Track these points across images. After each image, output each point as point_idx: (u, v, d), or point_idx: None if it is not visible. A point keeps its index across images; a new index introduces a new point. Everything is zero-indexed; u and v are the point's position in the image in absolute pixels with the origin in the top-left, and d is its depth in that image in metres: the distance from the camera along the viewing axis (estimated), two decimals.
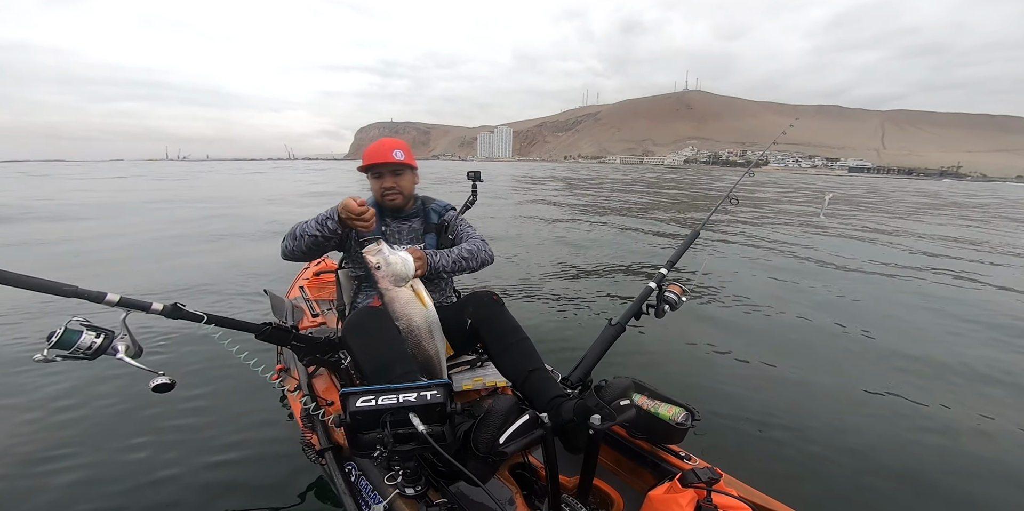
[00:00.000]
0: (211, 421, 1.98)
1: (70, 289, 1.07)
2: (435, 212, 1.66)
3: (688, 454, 1.31)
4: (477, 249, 1.53)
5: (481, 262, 1.54)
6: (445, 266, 1.45)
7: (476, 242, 1.56)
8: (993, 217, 13.82)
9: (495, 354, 1.36)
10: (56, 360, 1.06)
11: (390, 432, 0.95)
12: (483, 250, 1.56)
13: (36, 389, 2.21)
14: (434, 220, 1.65)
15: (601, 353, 1.36)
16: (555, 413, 1.14)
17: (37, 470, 1.64)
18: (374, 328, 1.26)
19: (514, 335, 1.35)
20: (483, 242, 1.58)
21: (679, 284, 1.45)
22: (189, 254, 5.65)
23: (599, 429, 1.00)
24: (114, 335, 1.13)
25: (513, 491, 1.20)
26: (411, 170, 1.59)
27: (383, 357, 1.22)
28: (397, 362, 1.21)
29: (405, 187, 1.57)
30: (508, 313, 1.41)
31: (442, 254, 1.46)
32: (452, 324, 1.45)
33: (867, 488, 1.67)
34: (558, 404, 1.16)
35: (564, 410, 1.12)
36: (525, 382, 1.27)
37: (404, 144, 1.59)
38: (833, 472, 1.76)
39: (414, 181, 1.63)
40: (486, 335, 1.37)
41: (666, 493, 1.06)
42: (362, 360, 1.24)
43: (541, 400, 1.22)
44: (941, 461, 1.86)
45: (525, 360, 1.31)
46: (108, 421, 1.95)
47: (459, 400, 1.50)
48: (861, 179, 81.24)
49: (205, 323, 1.29)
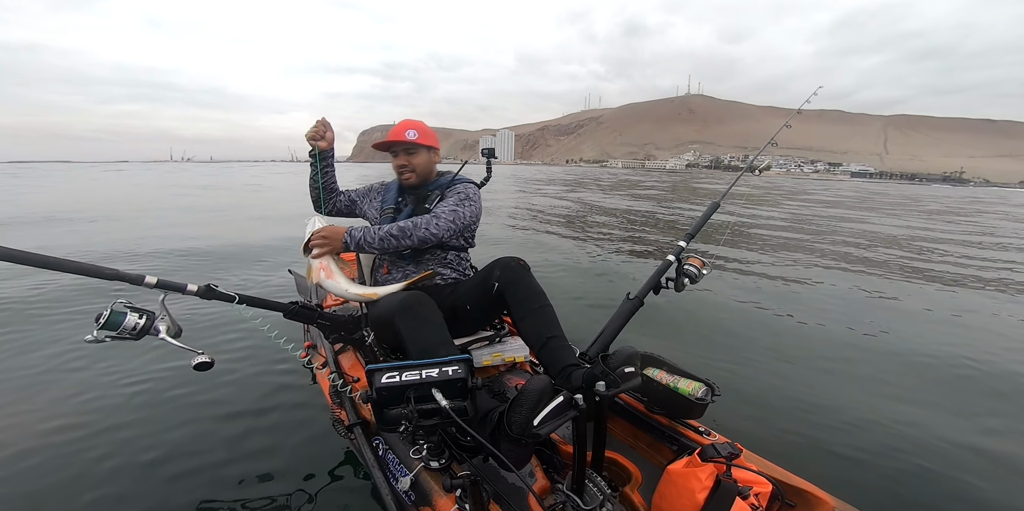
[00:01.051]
0: (244, 397, 2.04)
1: (111, 272, 1.13)
2: (437, 185, 1.66)
3: (708, 429, 1.31)
4: (414, 226, 1.42)
5: (419, 239, 1.43)
6: (370, 243, 1.41)
7: (421, 219, 1.45)
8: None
9: (518, 318, 1.37)
10: (105, 340, 1.11)
11: (414, 407, 0.96)
12: (421, 227, 1.43)
13: (79, 370, 2.29)
14: (432, 189, 1.64)
15: (619, 328, 1.36)
16: (565, 380, 1.16)
17: (84, 446, 1.70)
18: (424, 314, 1.30)
19: (538, 300, 1.36)
20: (433, 218, 1.46)
21: (699, 257, 1.44)
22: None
23: (604, 396, 1.00)
24: (155, 316, 1.18)
25: (533, 464, 1.20)
26: (426, 149, 1.62)
27: (429, 340, 1.25)
28: (441, 345, 1.24)
29: (418, 165, 1.61)
30: (533, 278, 1.41)
31: (367, 230, 1.43)
32: (475, 292, 1.47)
33: (888, 463, 1.67)
34: (569, 372, 1.18)
35: (574, 378, 1.14)
36: (543, 348, 1.29)
37: (421, 125, 1.62)
38: (853, 447, 1.76)
39: (431, 160, 1.65)
40: (511, 298, 1.38)
41: (685, 467, 1.06)
42: (409, 341, 1.26)
43: (554, 367, 1.24)
44: (962, 440, 1.84)
45: (545, 326, 1.32)
46: (150, 400, 2.02)
47: (479, 375, 1.51)
48: (862, 184, 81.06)
49: (237, 303, 1.34)
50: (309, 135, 1.58)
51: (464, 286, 1.55)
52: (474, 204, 1.59)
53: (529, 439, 0.97)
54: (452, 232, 1.51)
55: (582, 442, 1.04)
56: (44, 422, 1.83)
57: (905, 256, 6.25)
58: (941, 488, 1.55)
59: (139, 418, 1.87)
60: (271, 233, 6.67)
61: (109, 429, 1.78)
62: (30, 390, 2.08)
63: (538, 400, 0.99)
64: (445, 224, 1.48)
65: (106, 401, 2.00)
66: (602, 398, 1.01)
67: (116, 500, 1.43)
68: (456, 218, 1.51)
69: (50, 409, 1.92)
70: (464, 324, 1.57)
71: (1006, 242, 8.24)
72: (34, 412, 1.90)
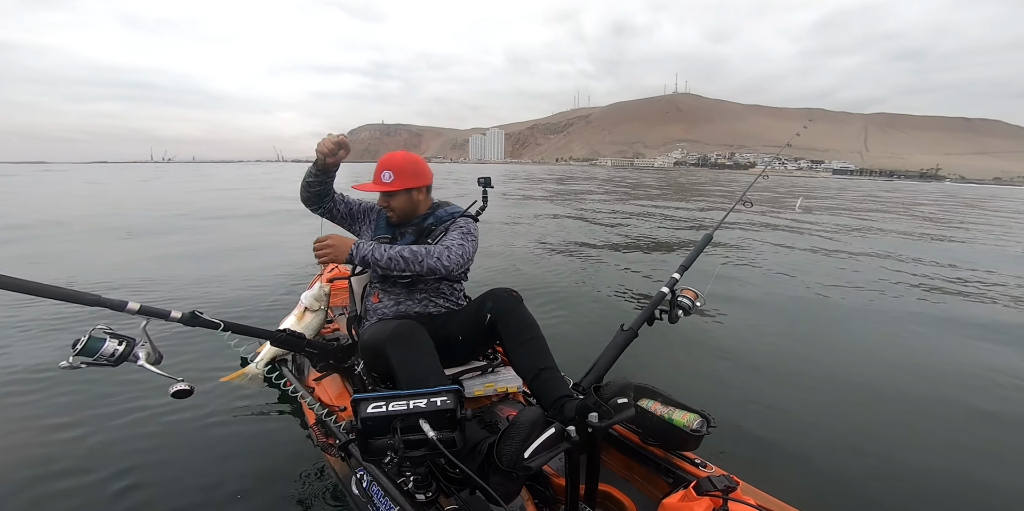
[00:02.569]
0: (225, 426, 1.99)
1: (92, 298, 1.10)
2: (436, 218, 1.61)
3: (704, 461, 1.29)
4: (426, 253, 1.39)
5: (429, 268, 1.39)
6: (377, 260, 1.36)
7: (434, 248, 1.43)
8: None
9: (510, 349, 1.37)
10: (81, 367, 1.08)
11: (400, 438, 0.94)
12: (434, 255, 1.39)
13: (61, 395, 2.22)
14: (431, 223, 1.60)
15: (613, 359, 1.35)
16: (558, 412, 1.16)
17: (61, 473, 1.65)
18: (415, 343, 1.29)
19: (530, 331, 1.36)
20: (446, 250, 1.42)
21: (693, 289, 1.44)
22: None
23: (598, 428, 0.99)
24: (135, 343, 1.16)
25: (524, 498, 1.18)
26: (405, 192, 1.53)
27: (419, 370, 1.24)
28: (432, 375, 1.24)
29: (397, 208, 1.56)
30: (526, 309, 1.41)
31: (377, 247, 1.37)
32: (468, 322, 1.46)
33: (888, 498, 1.67)
34: (562, 404, 1.17)
35: (567, 409, 1.13)
36: (535, 379, 1.29)
37: (402, 161, 1.52)
38: (854, 481, 1.75)
39: (412, 201, 1.56)
40: (503, 329, 1.37)
41: (681, 501, 1.04)
42: (399, 371, 1.25)
43: (547, 399, 1.23)
44: (968, 474, 1.83)
45: (538, 357, 1.32)
46: (125, 426, 1.97)
47: (470, 406, 1.48)
48: (844, 181, 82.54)
49: (222, 331, 1.31)
50: (320, 150, 1.43)
51: (457, 316, 1.53)
52: (475, 240, 1.55)
53: (520, 472, 0.95)
54: (460, 267, 1.46)
55: (575, 475, 1.03)
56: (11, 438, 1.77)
57: (918, 274, 5.90)
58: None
59: (113, 450, 1.80)
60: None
61: (73, 467, 1.70)
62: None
63: (529, 432, 0.97)
64: (456, 258, 1.42)
65: (72, 427, 1.93)
66: (595, 430, 1.00)
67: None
68: (464, 252, 1.46)
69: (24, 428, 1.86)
70: (456, 354, 1.55)
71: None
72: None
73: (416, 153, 1.62)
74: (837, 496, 1.67)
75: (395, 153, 1.56)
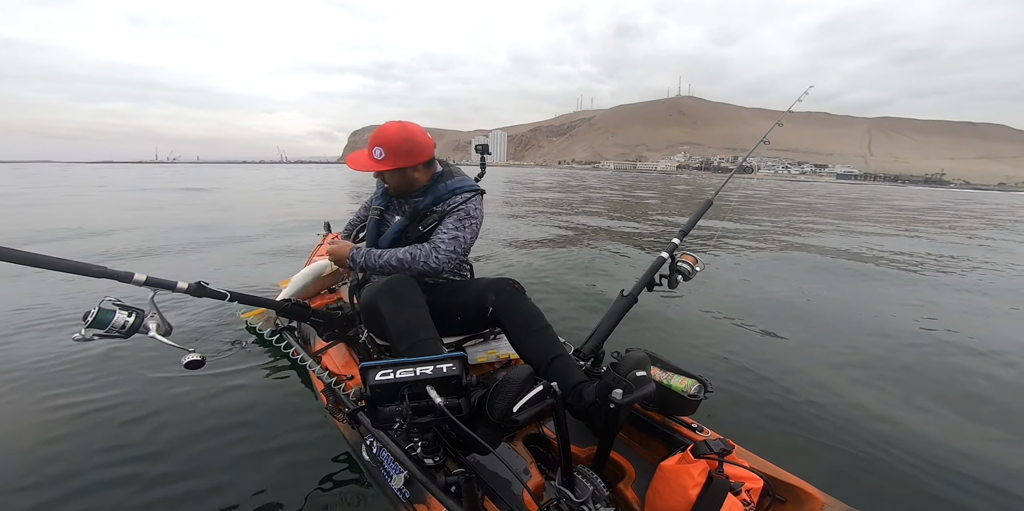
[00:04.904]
0: (235, 396, 2.01)
1: (99, 270, 1.11)
2: (434, 196, 1.49)
3: (700, 426, 1.32)
4: (412, 259, 1.39)
5: (419, 273, 1.40)
6: (371, 267, 1.43)
7: (420, 252, 1.40)
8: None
9: (517, 340, 1.37)
10: (93, 339, 1.09)
11: (408, 405, 0.96)
12: (420, 260, 1.39)
13: (71, 368, 2.24)
14: (428, 203, 1.49)
15: (613, 325, 1.36)
16: (578, 398, 1.16)
17: (61, 449, 1.65)
18: (405, 294, 1.30)
19: (536, 322, 1.35)
20: (434, 250, 1.40)
21: (692, 254, 1.45)
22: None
23: (621, 404, 1.00)
24: (144, 314, 1.17)
25: (528, 461, 1.21)
26: (398, 171, 1.45)
27: (409, 321, 1.25)
28: (421, 328, 1.25)
29: (393, 184, 1.51)
30: (529, 301, 1.41)
31: (370, 255, 1.43)
32: (471, 306, 1.45)
33: (878, 459, 1.69)
34: (580, 390, 1.18)
35: (586, 394, 1.15)
36: (548, 368, 1.28)
37: (394, 140, 1.40)
38: (843, 444, 1.78)
39: (407, 177, 1.48)
40: (507, 323, 1.37)
41: (678, 464, 1.07)
42: (390, 322, 1.26)
43: (565, 386, 1.23)
44: (959, 435, 1.87)
45: (548, 347, 1.31)
46: (136, 398, 1.99)
47: (473, 372, 1.50)
48: (851, 187, 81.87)
49: (228, 300, 1.33)
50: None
51: (456, 297, 1.50)
52: (475, 221, 1.49)
53: (508, 425, 0.99)
54: (453, 262, 1.45)
55: (563, 429, 1.05)
56: (30, 420, 1.79)
57: (905, 254, 6.31)
58: (931, 485, 1.57)
59: (123, 418, 1.83)
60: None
61: (86, 431, 1.74)
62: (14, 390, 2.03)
63: (520, 389, 1.00)
64: (445, 256, 1.41)
65: (84, 401, 1.95)
66: (619, 407, 1.01)
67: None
68: (457, 246, 1.44)
69: (35, 409, 1.88)
70: (453, 327, 1.55)
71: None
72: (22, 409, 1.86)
73: None
74: (827, 459, 1.69)
75: (389, 126, 1.44)
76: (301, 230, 6.93)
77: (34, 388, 2.05)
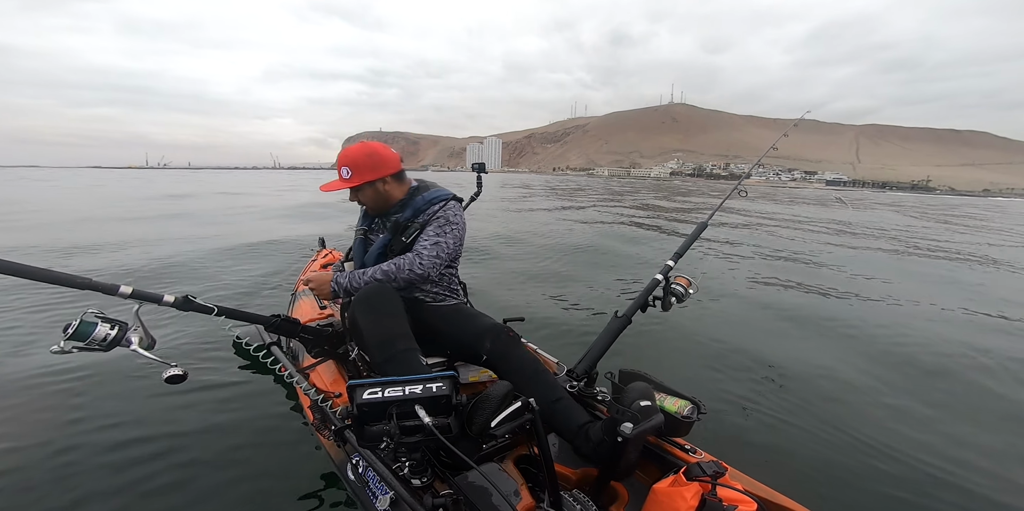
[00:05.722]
0: (219, 411, 1.98)
1: (84, 281, 1.09)
2: (413, 209, 1.51)
3: (694, 447, 1.31)
4: (396, 268, 1.41)
5: (405, 282, 1.43)
6: (357, 288, 1.44)
7: (404, 260, 1.43)
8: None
9: (514, 384, 1.37)
10: (72, 351, 1.07)
11: (396, 424, 0.95)
12: (404, 269, 1.42)
13: (50, 383, 2.19)
14: (408, 216, 1.51)
15: (606, 345, 1.36)
16: (585, 439, 1.17)
17: (52, 460, 1.62)
18: (382, 304, 1.30)
19: (532, 367, 1.35)
20: (416, 257, 1.43)
21: (686, 276, 1.46)
22: None
23: (630, 437, 1.00)
24: (127, 327, 1.15)
25: (519, 482, 1.20)
26: (368, 185, 1.48)
27: (386, 332, 1.25)
28: (399, 338, 1.25)
29: (369, 202, 1.54)
30: (524, 348, 1.41)
31: (352, 277, 1.45)
32: (465, 346, 1.45)
33: (874, 484, 1.68)
34: (586, 430, 1.19)
35: (593, 433, 1.15)
36: (552, 412, 1.28)
37: (357, 156, 1.45)
38: (839, 467, 1.77)
39: (379, 191, 1.50)
40: (503, 369, 1.38)
41: (671, 486, 1.06)
42: (366, 332, 1.26)
43: (570, 429, 1.24)
44: (954, 463, 1.85)
45: (548, 391, 1.31)
46: (120, 410, 1.95)
47: (465, 391, 1.50)
48: (841, 192, 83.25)
49: (215, 315, 1.31)
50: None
51: (452, 326, 1.49)
52: (456, 227, 1.51)
53: (486, 439, 1.02)
54: (438, 267, 1.46)
55: (546, 452, 1.04)
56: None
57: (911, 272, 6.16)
58: (930, 509, 1.55)
59: (99, 435, 1.78)
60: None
61: (65, 447, 1.69)
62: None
63: (499, 404, 1.01)
64: (429, 262, 1.44)
65: (63, 411, 1.91)
66: (628, 441, 1.01)
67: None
68: (440, 251, 1.46)
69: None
70: (440, 348, 1.55)
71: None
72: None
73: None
74: (821, 483, 1.68)
75: (351, 147, 1.50)
76: (295, 244, 6.86)
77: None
